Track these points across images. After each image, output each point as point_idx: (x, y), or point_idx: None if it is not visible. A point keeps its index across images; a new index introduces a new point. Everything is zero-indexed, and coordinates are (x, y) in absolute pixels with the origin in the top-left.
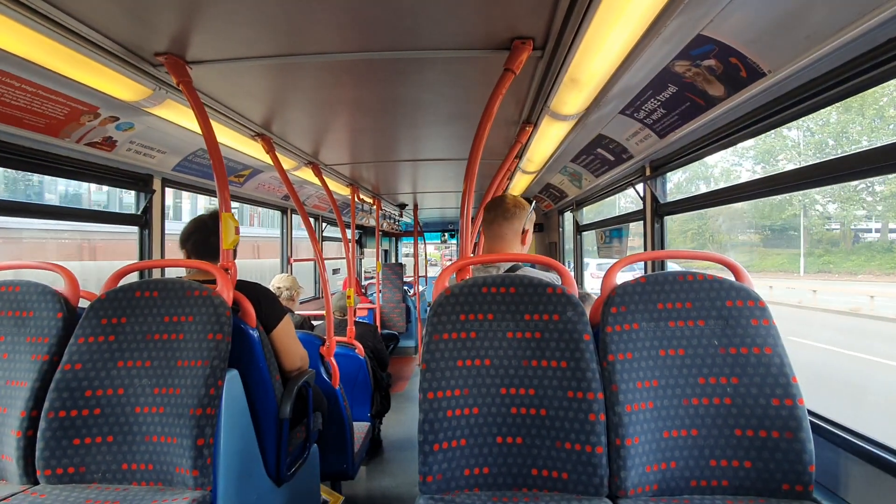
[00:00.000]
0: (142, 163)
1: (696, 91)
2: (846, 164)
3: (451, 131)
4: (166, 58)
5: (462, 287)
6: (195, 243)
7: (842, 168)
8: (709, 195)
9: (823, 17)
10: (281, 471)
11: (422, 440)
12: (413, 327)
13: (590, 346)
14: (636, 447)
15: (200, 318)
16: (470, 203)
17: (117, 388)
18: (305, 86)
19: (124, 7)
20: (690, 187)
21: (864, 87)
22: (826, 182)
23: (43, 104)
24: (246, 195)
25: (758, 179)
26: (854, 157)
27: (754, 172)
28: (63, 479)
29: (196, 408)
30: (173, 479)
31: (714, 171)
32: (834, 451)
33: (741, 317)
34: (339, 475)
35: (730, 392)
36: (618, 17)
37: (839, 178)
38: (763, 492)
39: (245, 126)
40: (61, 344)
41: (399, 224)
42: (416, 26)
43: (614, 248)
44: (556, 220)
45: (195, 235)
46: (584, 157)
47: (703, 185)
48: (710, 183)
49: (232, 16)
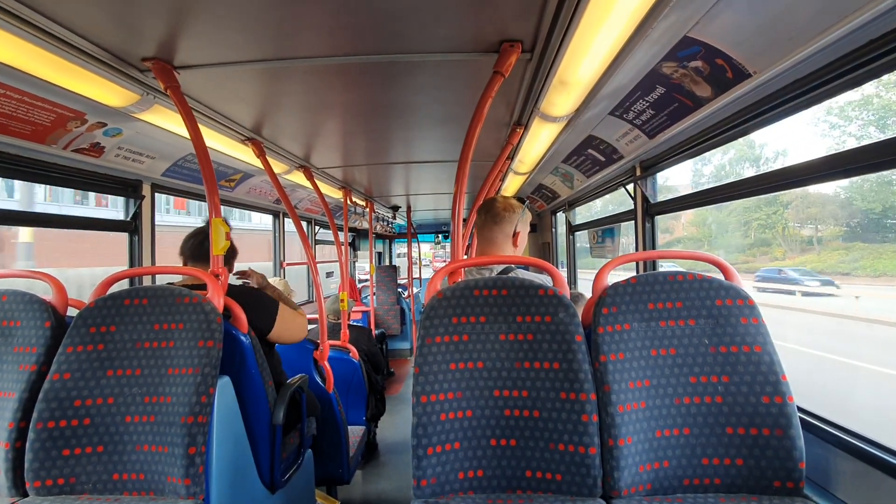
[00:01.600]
0: (131, 168)
1: (684, 92)
2: (850, 158)
3: (442, 133)
4: (154, 63)
5: (454, 290)
6: (191, 248)
7: (845, 163)
8: (699, 194)
9: (806, 20)
10: (275, 477)
11: (415, 444)
12: (408, 329)
13: (582, 347)
14: (629, 447)
15: (191, 325)
16: (461, 205)
17: (107, 398)
18: (295, 90)
19: (110, 13)
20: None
21: (847, 87)
22: (827, 178)
23: (28, 111)
24: (237, 199)
25: (752, 177)
26: (860, 151)
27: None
28: (52, 490)
29: (187, 416)
30: (165, 489)
31: (765, 151)
32: (824, 448)
33: (731, 315)
34: (335, 480)
35: (721, 391)
36: (605, 19)
37: (844, 173)
38: (755, 489)
39: (235, 130)
40: (49, 353)
41: (392, 226)
42: (405, 30)
43: (607, 247)
44: (549, 221)
45: (191, 240)
46: (576, 157)
47: (751, 167)
48: (758, 165)
49: (220, 20)
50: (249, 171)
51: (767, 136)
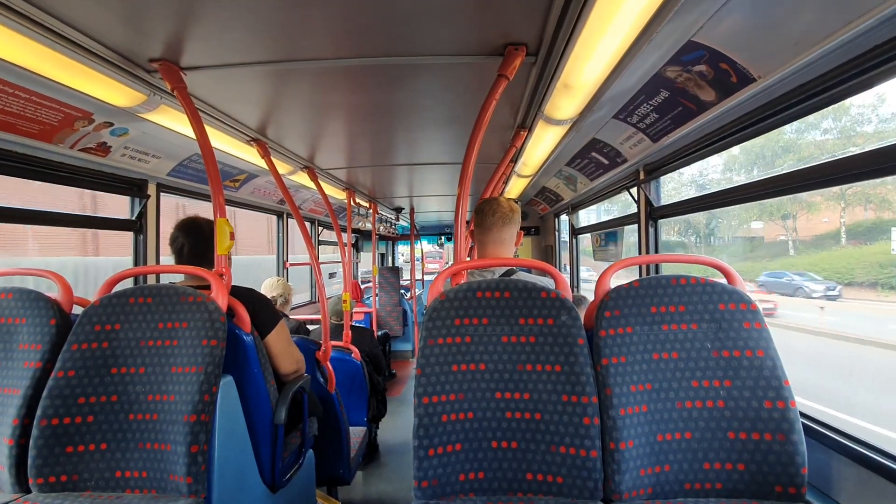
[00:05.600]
0: (136, 168)
1: (688, 96)
2: (852, 163)
3: (446, 136)
4: (161, 64)
5: (457, 291)
6: (190, 247)
7: (848, 168)
8: (703, 198)
9: (810, 24)
10: (276, 477)
11: (416, 445)
12: (409, 331)
13: (584, 350)
14: (630, 451)
15: (195, 324)
16: (465, 207)
17: (111, 395)
18: (301, 91)
19: (119, 14)
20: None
21: (851, 92)
22: (831, 183)
23: (36, 110)
24: (241, 200)
25: (755, 181)
26: (861, 157)
27: None
28: (56, 487)
29: (190, 414)
30: (167, 487)
31: None
32: (826, 454)
33: (734, 320)
34: (336, 480)
35: (723, 395)
36: (609, 23)
37: (844, 178)
38: (756, 494)
39: (240, 131)
40: (54, 351)
41: (396, 228)
42: (410, 32)
43: (610, 251)
44: (552, 224)
45: (180, 240)
46: (579, 160)
47: None
48: None
49: (227, 22)
50: (254, 172)
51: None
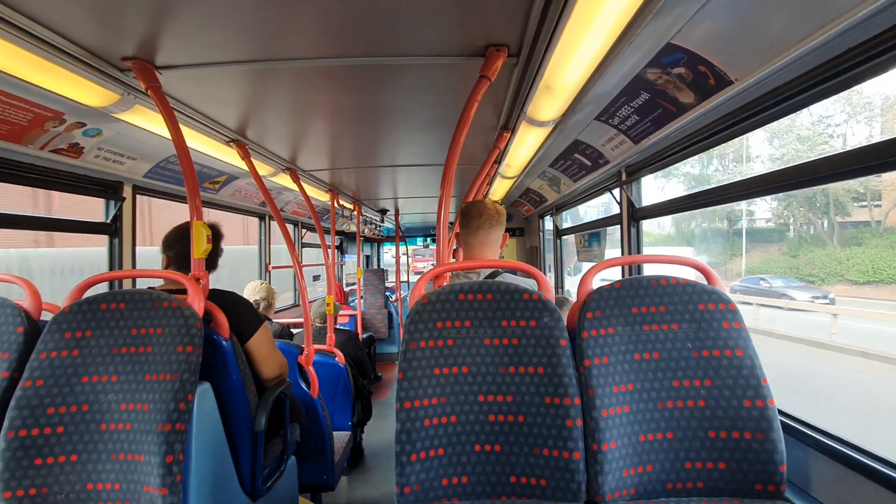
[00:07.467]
0: (111, 170)
1: (668, 98)
2: (833, 163)
3: (430, 137)
4: (134, 63)
5: (439, 294)
6: (178, 253)
7: (828, 168)
8: (684, 199)
9: (784, 28)
10: (256, 485)
11: (399, 450)
12: (395, 333)
13: (566, 352)
14: (613, 452)
15: (170, 330)
16: (447, 208)
17: (81, 405)
18: (281, 91)
19: (90, 10)
20: None
21: (827, 94)
22: (810, 184)
23: (4, 110)
24: (221, 202)
25: (739, 181)
26: (843, 156)
27: None
28: (24, 501)
29: (165, 423)
30: (141, 499)
31: None
32: (804, 451)
33: (713, 319)
34: (319, 486)
35: (703, 394)
36: (589, 25)
37: (826, 178)
38: (737, 492)
39: (219, 132)
40: (22, 360)
41: (381, 229)
42: (392, 32)
43: (594, 251)
44: (537, 225)
45: (178, 245)
46: (563, 162)
47: None
48: None
49: (203, 20)
50: (235, 174)
51: None
